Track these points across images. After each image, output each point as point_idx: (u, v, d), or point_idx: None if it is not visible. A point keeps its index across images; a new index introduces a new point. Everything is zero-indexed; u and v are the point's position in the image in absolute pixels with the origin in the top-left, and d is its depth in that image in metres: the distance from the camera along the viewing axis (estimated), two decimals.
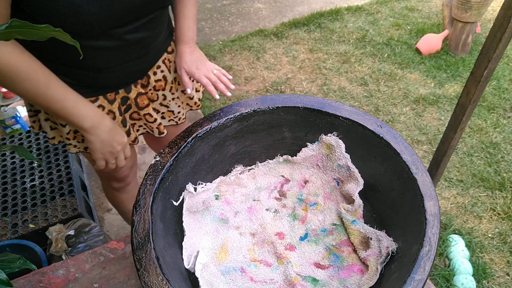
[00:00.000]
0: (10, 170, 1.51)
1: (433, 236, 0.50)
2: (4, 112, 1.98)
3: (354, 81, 2.45)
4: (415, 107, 2.24)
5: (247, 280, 0.59)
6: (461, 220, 1.66)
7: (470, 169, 1.86)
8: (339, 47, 2.74)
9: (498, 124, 2.09)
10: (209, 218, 0.67)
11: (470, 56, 2.57)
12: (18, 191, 1.42)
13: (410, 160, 0.59)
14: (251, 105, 0.69)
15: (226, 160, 0.71)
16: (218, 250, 0.64)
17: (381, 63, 2.59)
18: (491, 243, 1.56)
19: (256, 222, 0.68)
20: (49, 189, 1.43)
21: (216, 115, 0.68)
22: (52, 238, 1.21)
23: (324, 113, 0.68)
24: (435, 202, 0.54)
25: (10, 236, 1.27)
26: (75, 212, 1.35)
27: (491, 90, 2.31)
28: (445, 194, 1.76)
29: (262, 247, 0.65)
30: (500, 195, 1.74)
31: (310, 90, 2.40)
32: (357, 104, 2.28)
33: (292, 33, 2.90)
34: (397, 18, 3.03)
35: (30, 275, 0.71)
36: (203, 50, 2.77)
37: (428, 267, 0.48)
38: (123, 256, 0.73)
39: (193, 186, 0.63)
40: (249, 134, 0.71)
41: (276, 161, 0.74)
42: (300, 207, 0.70)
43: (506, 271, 1.48)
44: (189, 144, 0.64)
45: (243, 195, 0.71)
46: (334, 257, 0.63)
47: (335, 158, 0.68)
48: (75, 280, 0.70)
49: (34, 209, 1.36)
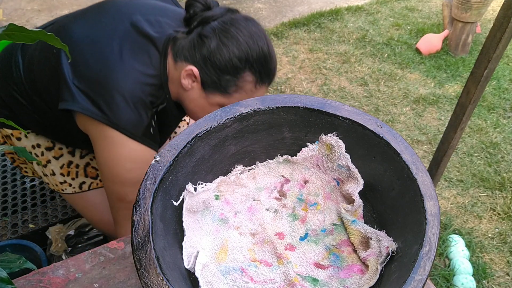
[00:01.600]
0: (10, 170, 1.51)
1: (433, 236, 0.50)
2: None
3: (354, 81, 2.45)
4: (415, 107, 2.24)
5: (247, 280, 0.59)
6: (461, 220, 1.66)
7: (470, 169, 1.86)
8: (339, 47, 2.74)
9: (498, 124, 2.09)
10: (209, 218, 0.67)
11: (470, 56, 2.57)
12: (18, 191, 1.42)
13: (410, 160, 0.59)
14: (251, 105, 0.69)
15: (226, 160, 0.71)
16: (218, 250, 0.64)
17: (381, 63, 2.59)
18: (491, 243, 1.56)
19: (256, 222, 0.68)
20: (49, 189, 1.43)
21: (216, 115, 0.68)
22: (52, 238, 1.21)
23: (324, 113, 0.68)
24: (435, 202, 0.54)
25: (10, 236, 1.27)
26: (75, 212, 1.35)
27: (491, 90, 2.31)
28: (445, 194, 1.76)
29: (262, 247, 0.65)
30: (500, 195, 1.74)
31: (310, 90, 2.40)
32: (357, 104, 2.28)
33: (292, 33, 2.90)
34: (397, 18, 3.03)
35: (30, 275, 0.71)
36: None
37: (428, 267, 0.48)
38: (123, 256, 0.73)
39: (193, 186, 0.63)
40: (249, 134, 0.71)
41: (276, 161, 0.74)
42: (300, 207, 0.70)
43: (506, 271, 1.48)
44: (189, 144, 0.64)
45: (243, 195, 0.71)
46: (334, 257, 0.63)
47: (335, 158, 0.68)
48: (75, 280, 0.70)
49: (34, 209, 1.36)
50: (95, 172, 1.04)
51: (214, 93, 0.83)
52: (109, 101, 0.77)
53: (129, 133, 0.78)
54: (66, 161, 0.99)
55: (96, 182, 1.04)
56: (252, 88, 0.83)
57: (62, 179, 1.01)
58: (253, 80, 0.82)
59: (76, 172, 1.01)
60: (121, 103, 0.77)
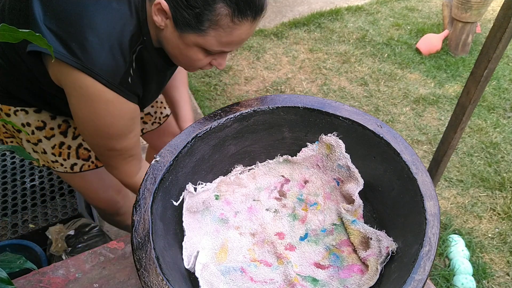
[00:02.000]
0: (10, 170, 1.51)
1: (433, 236, 0.50)
2: None
3: (354, 81, 2.45)
4: (415, 107, 2.24)
5: (247, 280, 0.59)
6: (461, 220, 1.66)
7: (470, 169, 1.86)
8: (339, 47, 2.74)
9: (498, 124, 2.09)
10: (209, 218, 0.67)
11: (470, 56, 2.57)
12: (18, 191, 1.42)
13: (410, 160, 0.59)
14: (251, 105, 0.69)
15: (226, 160, 0.71)
16: (218, 250, 0.64)
17: (381, 63, 2.59)
18: (491, 243, 1.56)
19: (256, 222, 0.68)
20: (49, 189, 1.43)
21: (216, 115, 0.68)
22: (52, 238, 1.21)
23: (324, 113, 0.68)
24: (435, 202, 0.54)
25: (10, 236, 1.27)
26: (75, 212, 1.35)
27: (491, 90, 2.31)
28: (445, 194, 1.76)
29: (262, 247, 0.65)
30: (500, 195, 1.74)
31: (310, 90, 2.40)
32: (357, 104, 2.28)
33: (292, 33, 2.90)
34: (397, 18, 3.03)
35: (30, 275, 0.71)
36: None
37: (428, 267, 0.48)
38: (123, 256, 0.73)
39: (193, 186, 0.63)
40: (249, 134, 0.71)
41: (276, 161, 0.74)
42: (300, 207, 0.70)
43: (506, 271, 1.48)
44: (189, 144, 0.64)
45: (243, 195, 0.71)
46: (334, 257, 0.63)
47: (335, 158, 0.68)
48: (75, 280, 0.70)
49: (34, 209, 1.36)
50: (87, 154, 1.02)
51: (188, 31, 0.74)
52: (83, 43, 0.70)
53: (105, 80, 0.72)
54: (58, 142, 0.97)
55: (87, 164, 1.02)
56: (229, 23, 0.72)
57: (54, 158, 0.99)
58: (229, 13, 0.71)
59: (68, 154, 0.99)
60: (95, 45, 0.71)
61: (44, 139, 0.96)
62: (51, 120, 0.96)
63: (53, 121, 0.96)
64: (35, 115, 0.93)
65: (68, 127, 0.99)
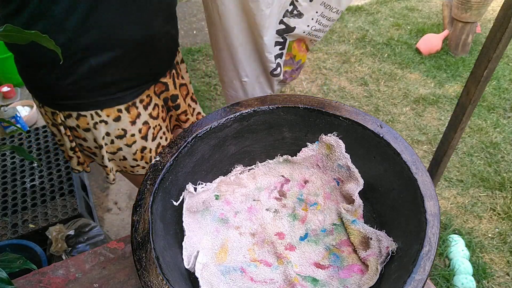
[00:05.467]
0: (10, 170, 1.51)
1: (433, 236, 0.50)
2: (4, 112, 1.98)
3: (354, 81, 2.45)
4: (415, 107, 2.24)
5: (247, 280, 0.59)
6: (461, 220, 1.66)
7: (470, 169, 1.86)
8: (339, 47, 2.74)
9: (498, 124, 2.09)
10: (209, 218, 0.67)
11: (470, 56, 2.57)
12: (18, 191, 1.42)
13: (410, 160, 0.59)
14: (251, 105, 0.69)
15: (226, 160, 0.71)
16: (218, 250, 0.64)
17: (381, 63, 2.59)
18: (491, 243, 1.56)
19: (256, 222, 0.68)
20: (49, 189, 1.43)
21: (216, 115, 0.68)
22: (52, 238, 1.21)
23: (324, 113, 0.68)
24: (435, 202, 0.54)
25: (10, 236, 1.27)
26: (75, 212, 1.35)
27: (491, 90, 2.31)
28: (445, 194, 1.76)
29: (262, 247, 0.65)
30: (500, 195, 1.74)
31: (310, 90, 2.40)
32: (357, 104, 2.28)
33: None
34: (397, 18, 3.03)
35: (30, 275, 0.71)
36: (204, 50, 2.77)
37: (428, 267, 0.48)
38: (123, 256, 0.73)
39: (193, 186, 0.63)
40: (249, 134, 0.71)
41: (276, 161, 0.74)
42: (300, 207, 0.70)
43: (506, 271, 1.48)
44: (189, 144, 0.64)
45: (243, 195, 0.71)
46: (334, 257, 0.63)
47: (335, 158, 0.68)
48: (75, 280, 0.70)
49: (34, 209, 1.36)
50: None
51: None
52: None
53: None
54: (139, 147, 0.94)
55: None
56: None
57: (135, 163, 0.96)
58: None
59: (150, 157, 0.96)
60: None
61: (124, 147, 0.93)
62: (132, 126, 0.92)
63: (133, 127, 0.92)
64: (114, 123, 0.90)
65: (148, 129, 0.95)
